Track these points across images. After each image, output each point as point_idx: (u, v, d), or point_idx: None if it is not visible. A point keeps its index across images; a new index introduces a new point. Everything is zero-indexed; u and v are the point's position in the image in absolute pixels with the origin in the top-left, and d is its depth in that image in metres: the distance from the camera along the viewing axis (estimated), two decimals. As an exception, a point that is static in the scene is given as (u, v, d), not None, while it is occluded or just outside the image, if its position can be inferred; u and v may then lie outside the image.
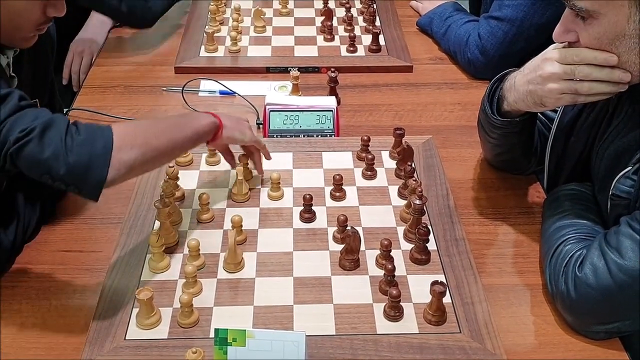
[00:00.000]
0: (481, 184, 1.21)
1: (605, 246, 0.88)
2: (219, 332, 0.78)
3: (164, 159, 0.96)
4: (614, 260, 0.86)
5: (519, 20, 1.42)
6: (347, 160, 1.24)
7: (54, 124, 0.86)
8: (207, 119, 1.03)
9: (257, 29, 1.66)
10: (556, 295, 0.94)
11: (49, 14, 0.96)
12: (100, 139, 0.86)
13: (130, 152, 0.87)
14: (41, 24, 0.97)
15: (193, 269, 0.94)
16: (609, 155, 0.96)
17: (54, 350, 0.90)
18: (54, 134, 0.85)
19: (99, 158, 0.85)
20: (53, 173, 0.85)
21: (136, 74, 1.53)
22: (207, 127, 1.02)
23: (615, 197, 0.92)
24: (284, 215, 1.11)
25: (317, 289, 0.97)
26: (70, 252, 1.05)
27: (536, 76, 0.94)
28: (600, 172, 0.98)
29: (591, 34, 0.86)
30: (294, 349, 0.77)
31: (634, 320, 0.88)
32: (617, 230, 0.88)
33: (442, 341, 0.89)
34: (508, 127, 1.06)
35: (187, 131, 0.98)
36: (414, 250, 1.02)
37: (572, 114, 1.05)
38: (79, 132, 0.86)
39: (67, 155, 0.84)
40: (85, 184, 0.86)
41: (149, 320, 0.90)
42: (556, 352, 0.91)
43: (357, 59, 1.57)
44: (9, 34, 0.95)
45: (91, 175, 0.85)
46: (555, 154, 1.09)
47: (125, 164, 0.87)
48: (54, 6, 0.96)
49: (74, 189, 0.86)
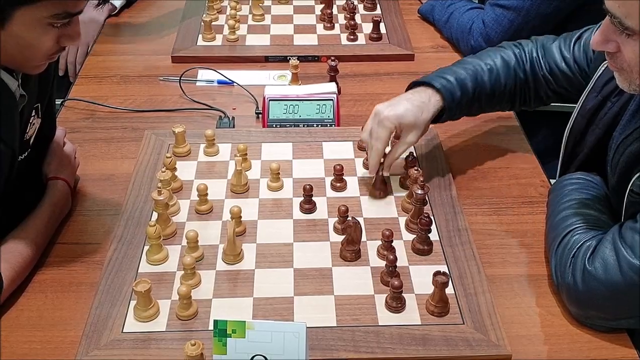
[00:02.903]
0: (484, 174, 1.19)
1: (620, 242, 0.86)
2: (218, 323, 0.77)
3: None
4: (627, 257, 0.84)
5: (525, 9, 1.40)
6: (348, 150, 1.22)
7: None
8: (63, 195, 1.05)
9: (255, 18, 1.64)
10: (562, 286, 0.92)
11: (63, 44, 0.90)
12: None
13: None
14: (53, 53, 0.91)
15: (192, 260, 0.93)
16: (630, 152, 0.94)
17: (50, 343, 0.88)
18: None
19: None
20: None
21: (133, 64, 1.51)
22: (65, 199, 1.05)
23: (634, 194, 0.91)
24: (284, 206, 1.09)
25: (317, 280, 0.96)
26: (66, 244, 1.04)
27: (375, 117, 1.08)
28: (619, 166, 0.96)
29: (636, 50, 0.83)
30: (294, 339, 0.76)
31: (638, 318, 0.87)
32: (633, 227, 0.86)
33: (445, 332, 0.88)
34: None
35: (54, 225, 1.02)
36: (416, 241, 1.01)
37: (595, 101, 1.04)
38: None
39: None
40: None
41: (147, 313, 0.89)
42: (561, 343, 0.89)
43: (357, 47, 1.54)
44: (20, 63, 0.90)
45: None
46: (573, 138, 1.07)
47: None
48: (69, 36, 0.89)
49: None
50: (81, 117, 1.34)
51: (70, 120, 1.32)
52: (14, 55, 0.88)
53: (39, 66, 0.93)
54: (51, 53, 0.90)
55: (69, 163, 1.11)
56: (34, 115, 1.02)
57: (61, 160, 1.10)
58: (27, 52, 0.88)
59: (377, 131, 1.06)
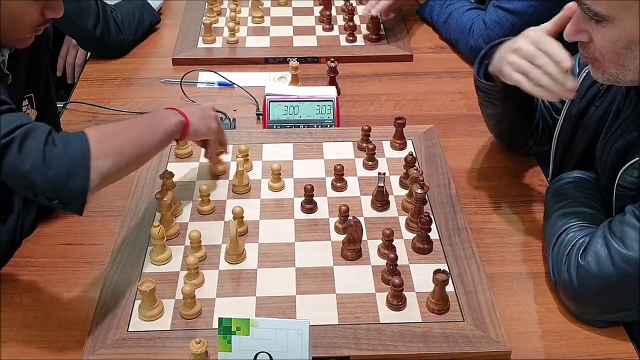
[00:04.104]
0: (483, 173, 1.21)
1: (610, 235, 0.88)
2: (223, 321, 0.78)
3: (135, 165, 0.94)
4: (617, 249, 0.86)
5: (528, 14, 1.41)
6: (348, 150, 1.23)
7: (33, 134, 0.83)
8: (175, 117, 1.00)
9: (255, 20, 1.65)
10: (559, 283, 0.94)
11: (47, 16, 0.95)
12: (78, 148, 0.84)
13: (105, 160, 0.85)
14: (38, 25, 0.96)
15: (195, 260, 0.94)
16: (616, 149, 0.95)
17: (56, 343, 0.90)
18: (33, 145, 0.82)
19: (78, 169, 0.83)
20: (36, 187, 0.82)
21: (133, 66, 1.52)
22: (175, 126, 0.99)
23: (622, 188, 0.92)
24: (285, 206, 1.11)
25: (319, 279, 0.97)
26: (71, 245, 1.05)
27: (509, 46, 0.97)
28: (607, 165, 0.97)
29: (606, 37, 0.85)
30: (297, 336, 0.77)
31: (636, 310, 0.88)
32: (622, 220, 0.88)
33: (446, 330, 0.89)
34: (492, 92, 1.07)
35: (158, 134, 0.96)
36: (416, 240, 1.02)
37: (579, 106, 1.05)
38: (55, 144, 0.84)
39: (46, 168, 0.81)
40: (67, 195, 0.83)
41: (152, 312, 0.90)
42: (560, 339, 0.91)
43: (356, 48, 1.56)
44: (6, 35, 0.94)
45: (73, 186, 0.83)
46: (562, 145, 1.09)
47: (100, 174, 0.85)
48: (52, 7, 0.95)
49: (57, 204, 0.84)
50: (83, 120, 1.35)
51: (73, 122, 1.33)
52: (3, 25, 0.91)
53: (26, 39, 0.97)
54: (36, 25, 0.95)
55: (206, 115, 1.07)
56: (27, 104, 1.04)
57: (200, 114, 1.06)
58: (15, 22, 0.92)
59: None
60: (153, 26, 1.63)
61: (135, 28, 1.55)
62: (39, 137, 0.83)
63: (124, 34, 1.51)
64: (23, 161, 0.81)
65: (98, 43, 1.49)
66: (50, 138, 0.84)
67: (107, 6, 1.48)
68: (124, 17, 1.52)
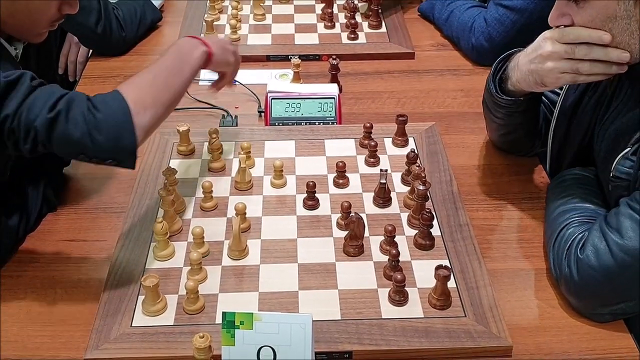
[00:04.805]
0: (485, 170, 1.21)
1: (606, 227, 0.88)
2: (227, 315, 0.78)
3: (172, 108, 0.97)
4: (615, 240, 0.86)
5: (529, 11, 1.41)
6: (350, 147, 1.24)
7: (74, 103, 0.87)
8: (198, 50, 1.02)
9: (256, 17, 1.65)
10: (560, 278, 0.94)
11: (64, 12, 0.98)
12: (118, 109, 0.88)
13: (145, 115, 0.89)
14: (55, 20, 0.99)
15: (198, 255, 0.95)
16: (609, 137, 0.96)
17: (60, 338, 0.90)
18: (77, 113, 0.86)
19: (124, 129, 0.87)
20: (88, 152, 0.87)
21: (135, 64, 1.52)
22: (200, 59, 1.02)
23: (615, 179, 0.93)
24: (288, 203, 1.11)
25: (321, 274, 0.97)
26: (74, 241, 1.05)
27: (537, 55, 0.96)
28: (601, 153, 0.98)
29: (584, 16, 0.88)
30: (300, 331, 0.78)
31: (636, 301, 0.88)
32: (617, 211, 0.89)
33: (447, 325, 0.90)
34: (512, 107, 1.06)
35: (186, 73, 0.99)
36: (418, 236, 1.03)
37: (574, 97, 1.05)
38: (98, 108, 0.87)
39: (94, 133, 0.86)
40: (120, 155, 0.88)
41: (155, 307, 0.90)
42: (561, 335, 0.91)
43: (358, 46, 1.56)
44: (24, 29, 0.97)
45: (123, 146, 0.87)
46: (558, 138, 1.09)
47: (143, 128, 0.89)
48: (69, 4, 0.98)
49: (111, 162, 0.89)
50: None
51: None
52: (22, 20, 0.94)
53: (42, 34, 1.00)
54: (53, 20, 0.98)
55: (227, 48, 1.09)
56: None
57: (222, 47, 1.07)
58: (35, 15, 0.95)
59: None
60: (155, 24, 1.63)
61: (137, 25, 1.56)
62: (80, 105, 0.87)
63: (125, 31, 1.52)
64: (72, 131, 0.86)
65: (100, 40, 1.49)
66: (90, 104, 0.88)
67: (109, 4, 1.48)
68: (125, 15, 1.52)
